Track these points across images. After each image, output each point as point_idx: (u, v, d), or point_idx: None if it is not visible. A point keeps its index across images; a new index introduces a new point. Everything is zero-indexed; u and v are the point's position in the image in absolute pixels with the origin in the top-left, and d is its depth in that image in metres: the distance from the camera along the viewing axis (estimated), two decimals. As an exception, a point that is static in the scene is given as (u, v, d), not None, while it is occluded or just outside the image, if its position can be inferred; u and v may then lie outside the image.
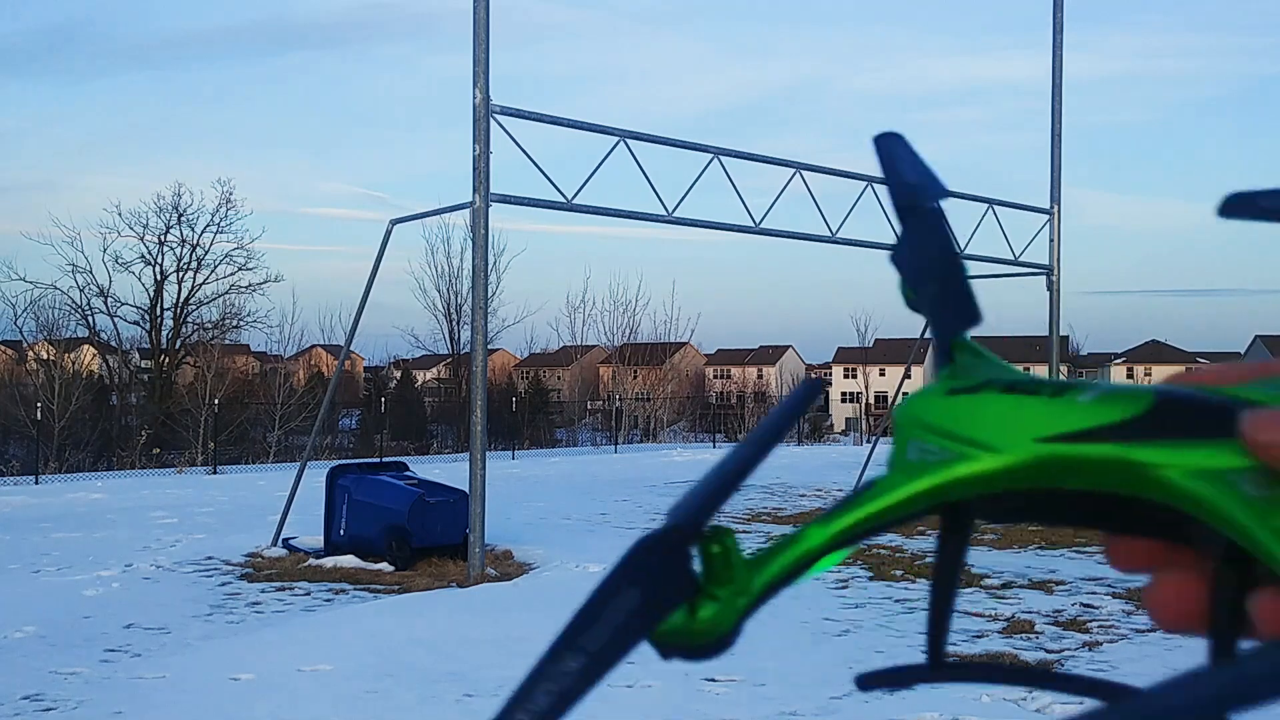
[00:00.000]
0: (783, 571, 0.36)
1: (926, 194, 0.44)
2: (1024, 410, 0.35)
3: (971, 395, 0.36)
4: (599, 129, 11.56)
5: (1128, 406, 0.33)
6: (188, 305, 38.59)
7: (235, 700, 6.02)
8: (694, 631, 0.35)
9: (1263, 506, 0.31)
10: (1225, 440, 0.32)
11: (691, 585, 0.34)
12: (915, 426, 0.37)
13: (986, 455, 0.34)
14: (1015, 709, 5.88)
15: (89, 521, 14.76)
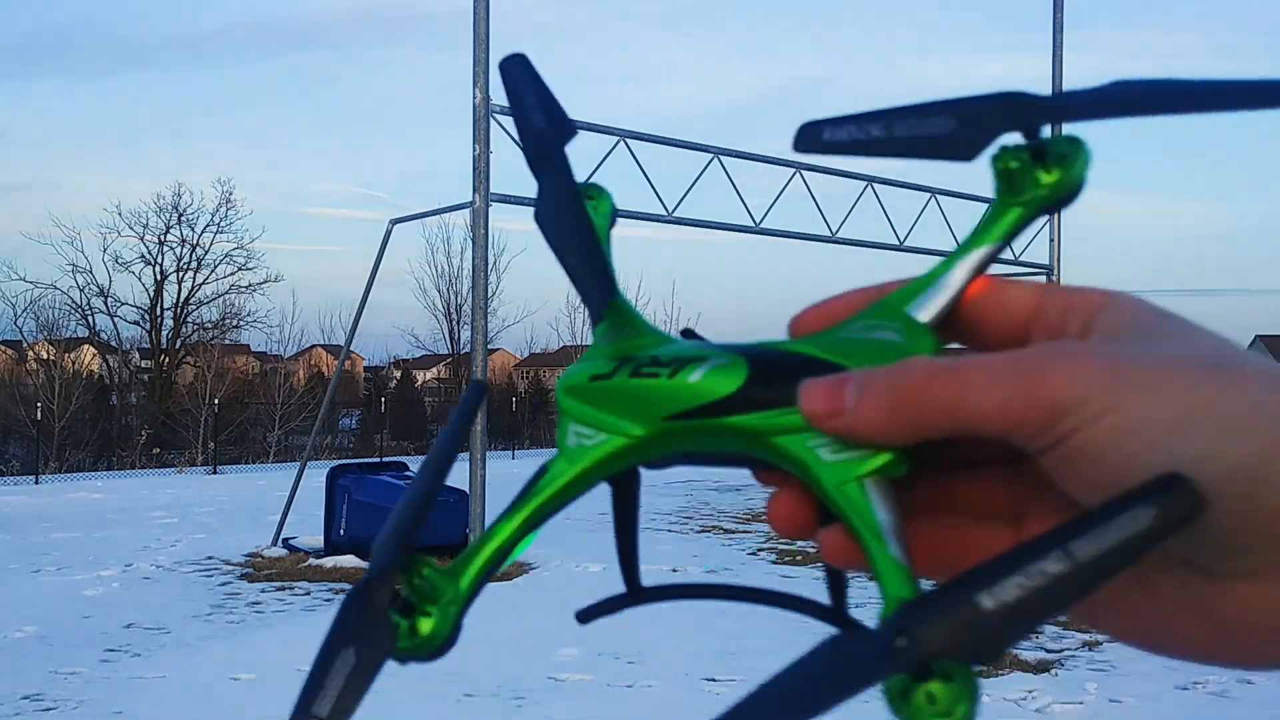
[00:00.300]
0: (482, 569, 0.39)
1: (556, 140, 0.48)
2: (649, 394, 0.40)
3: (608, 382, 0.41)
4: (599, 129, 11.56)
5: (726, 382, 0.38)
6: (188, 305, 38.60)
7: (235, 700, 6.02)
8: (420, 645, 0.38)
9: (836, 469, 0.37)
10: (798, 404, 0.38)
11: (390, 633, 0.37)
12: (569, 415, 0.41)
13: (626, 436, 0.40)
14: (1015, 709, 5.87)
15: (89, 521, 14.76)
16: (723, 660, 6.82)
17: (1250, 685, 6.32)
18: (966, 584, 0.31)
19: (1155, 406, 0.32)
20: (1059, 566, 0.30)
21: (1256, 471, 0.31)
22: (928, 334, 0.39)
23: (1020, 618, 0.31)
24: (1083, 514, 0.31)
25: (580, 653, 6.90)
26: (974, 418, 0.34)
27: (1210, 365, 0.33)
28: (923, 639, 0.31)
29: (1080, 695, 6.09)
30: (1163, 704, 5.96)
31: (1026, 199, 0.40)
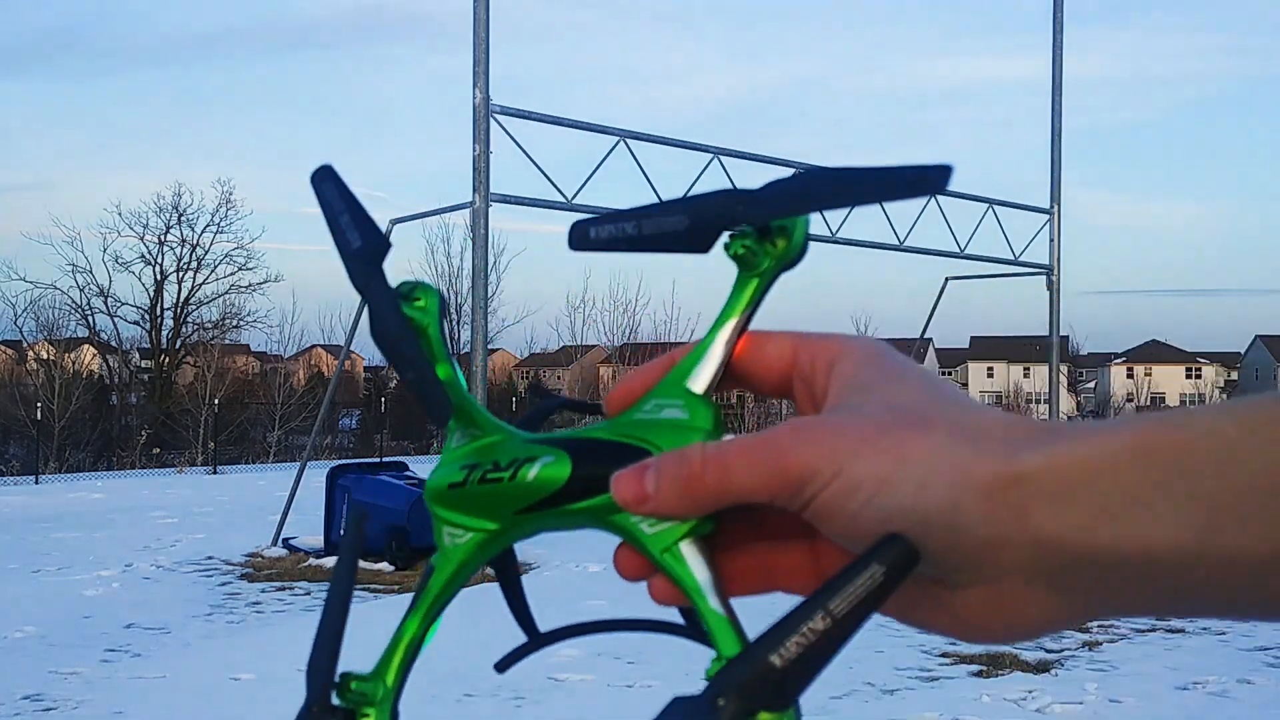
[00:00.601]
0: (402, 664, 0.47)
1: (374, 259, 0.52)
2: (497, 496, 0.47)
3: (463, 490, 0.47)
4: (599, 129, 11.56)
5: (556, 477, 0.46)
6: (188, 305, 38.60)
7: (235, 700, 6.02)
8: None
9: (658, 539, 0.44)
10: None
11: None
12: (440, 519, 0.48)
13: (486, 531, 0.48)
14: (1015, 709, 5.88)
15: (89, 521, 14.77)
16: (723, 660, 6.82)
17: (1250, 685, 6.33)
18: (760, 648, 0.40)
19: (867, 468, 0.40)
20: (823, 624, 0.39)
21: (947, 516, 0.38)
22: (704, 404, 0.46)
23: (804, 667, 0.39)
24: (833, 577, 0.39)
25: (580, 653, 6.91)
26: (743, 494, 0.42)
27: (909, 423, 0.40)
28: (735, 699, 0.40)
29: (1080, 695, 6.09)
30: (1162, 704, 5.96)
31: (760, 271, 0.47)
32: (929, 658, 6.95)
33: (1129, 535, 0.37)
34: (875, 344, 0.46)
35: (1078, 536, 0.37)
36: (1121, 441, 0.37)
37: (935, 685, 6.33)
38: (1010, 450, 0.39)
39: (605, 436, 0.47)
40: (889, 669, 6.64)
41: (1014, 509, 0.38)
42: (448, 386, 0.49)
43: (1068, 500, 0.37)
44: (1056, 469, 0.38)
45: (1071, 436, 0.38)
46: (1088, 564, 0.38)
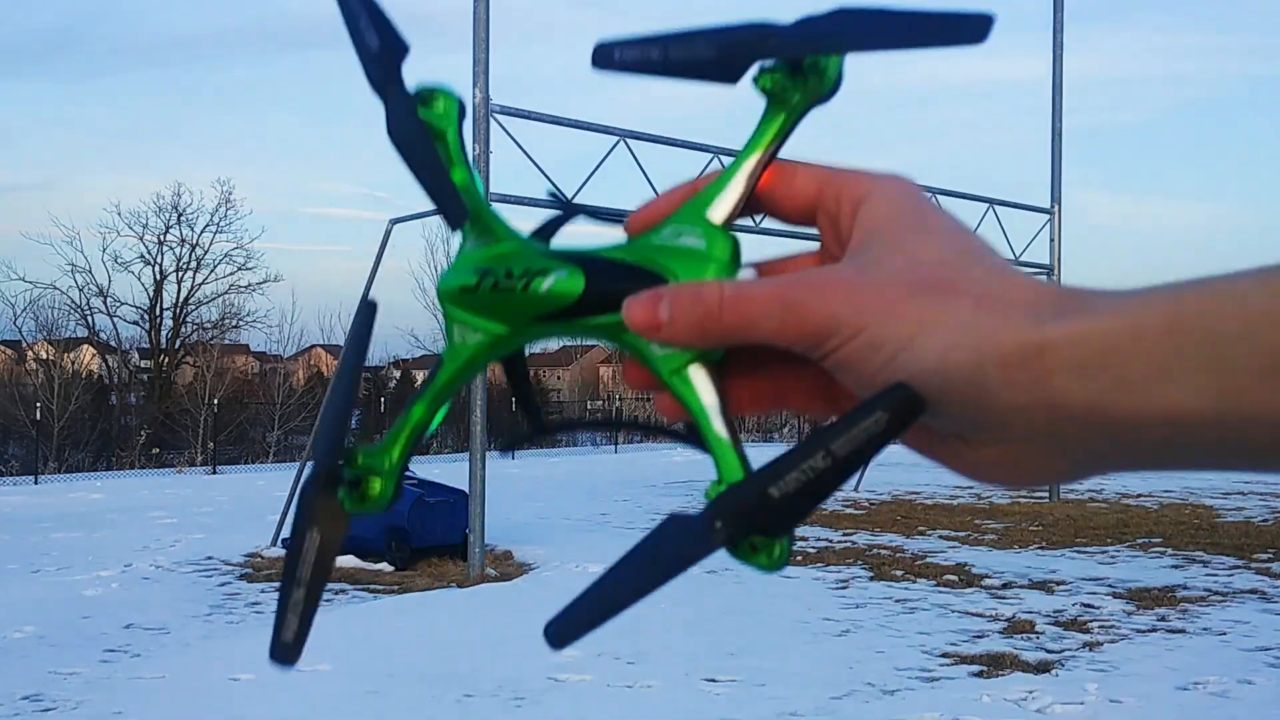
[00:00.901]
0: (408, 442, 0.49)
1: (393, 61, 0.51)
2: (509, 303, 0.48)
3: (475, 295, 0.48)
4: (599, 129, 11.56)
5: (570, 291, 0.47)
6: (187, 305, 38.57)
7: (235, 700, 6.01)
8: (372, 503, 0.49)
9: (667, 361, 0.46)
10: None
11: (342, 511, 0.48)
12: (452, 318, 0.49)
13: (496, 335, 0.49)
14: (1015, 709, 5.87)
15: (88, 521, 14.76)
16: (722, 660, 6.81)
17: (1250, 686, 6.32)
18: (760, 479, 0.42)
19: (891, 330, 0.41)
20: (824, 463, 0.40)
21: (968, 377, 0.39)
22: (723, 235, 0.47)
23: (801, 501, 0.41)
24: (837, 419, 0.41)
25: (580, 653, 6.90)
26: (758, 337, 0.43)
27: (936, 286, 0.41)
28: (731, 523, 0.42)
29: (1080, 696, 6.08)
30: (1163, 705, 5.96)
31: (790, 105, 0.47)
32: (929, 658, 6.94)
33: (1150, 405, 0.37)
34: (904, 185, 0.46)
35: (1098, 407, 0.38)
36: (1149, 313, 0.38)
37: (935, 685, 6.33)
38: (1036, 320, 0.39)
39: (621, 257, 0.47)
40: (889, 669, 6.63)
41: (1036, 379, 0.39)
42: (463, 191, 0.50)
43: (1090, 372, 0.38)
44: (1080, 340, 0.38)
45: (1098, 307, 0.39)
46: (1105, 430, 0.39)
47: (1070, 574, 10.08)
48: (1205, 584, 9.61)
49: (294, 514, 0.49)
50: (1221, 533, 13.21)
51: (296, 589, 0.49)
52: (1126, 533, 13.23)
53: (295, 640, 0.49)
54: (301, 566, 0.49)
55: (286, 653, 0.49)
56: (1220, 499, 17.76)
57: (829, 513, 15.46)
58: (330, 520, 0.49)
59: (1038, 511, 15.54)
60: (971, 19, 0.42)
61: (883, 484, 20.02)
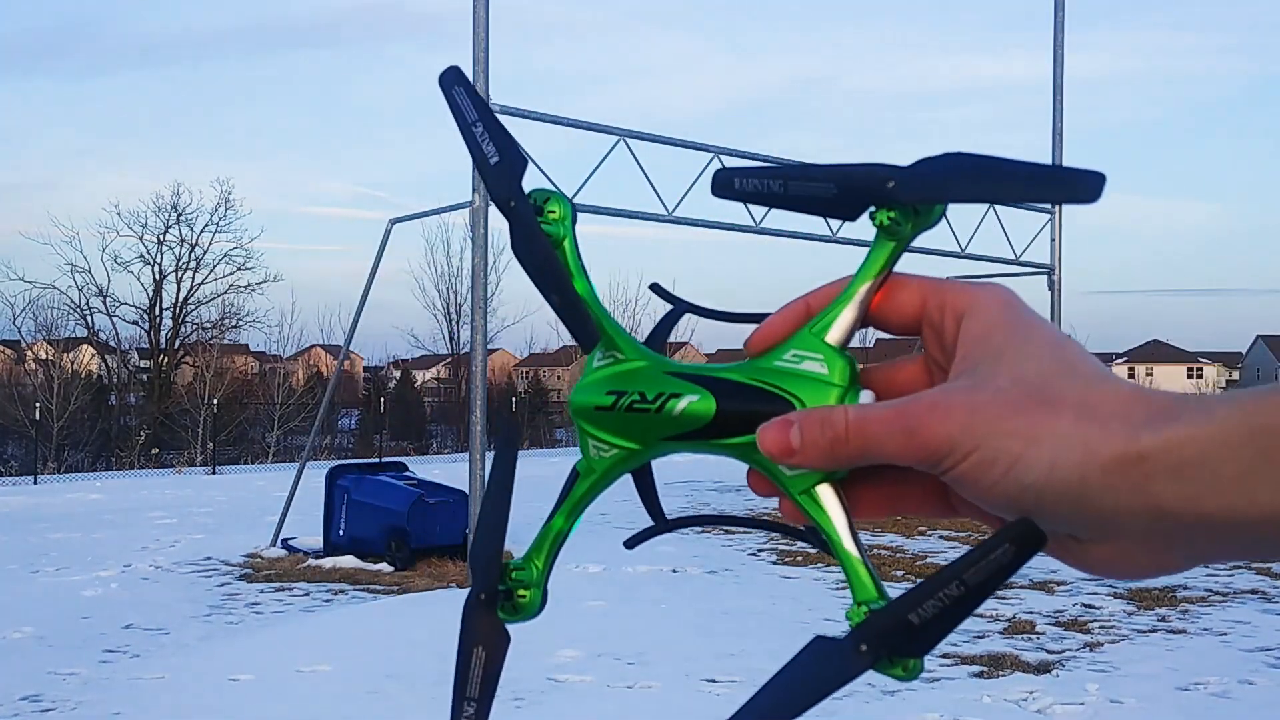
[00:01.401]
0: (550, 552, 0.55)
1: (514, 176, 0.54)
2: (644, 423, 0.52)
3: (611, 414, 0.53)
4: (599, 129, 11.55)
5: (703, 414, 0.50)
6: (186, 305, 38.57)
7: (234, 701, 6.00)
8: (527, 611, 0.55)
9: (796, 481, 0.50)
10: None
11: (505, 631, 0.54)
12: (588, 434, 0.54)
13: (629, 451, 0.53)
14: (1016, 709, 5.87)
15: (87, 522, 14.75)
16: (722, 661, 6.81)
17: (1251, 686, 6.32)
18: (901, 606, 0.45)
19: (1002, 447, 0.44)
20: (958, 591, 0.44)
21: (1075, 491, 0.43)
22: (842, 358, 0.50)
23: (937, 626, 0.45)
24: (968, 551, 0.45)
25: (580, 653, 6.89)
26: (882, 458, 0.47)
27: (1039, 402, 0.45)
28: (876, 648, 0.46)
29: (1081, 696, 6.08)
30: (1163, 705, 5.95)
31: (901, 237, 0.50)
32: (929, 658, 6.90)
33: (1240, 503, 0.41)
34: (1003, 297, 0.50)
35: (1194, 507, 0.42)
36: (1234, 420, 0.42)
37: (936, 686, 6.32)
38: (1132, 430, 0.43)
39: (746, 380, 0.51)
40: (889, 670, 6.63)
41: (1134, 484, 0.43)
42: (589, 305, 0.54)
43: (1185, 476, 0.42)
44: (1173, 449, 0.42)
45: (1188, 418, 0.43)
46: (1204, 528, 0.43)
47: (1070, 574, 10.08)
48: (1206, 584, 9.61)
49: (459, 633, 0.54)
50: (1221, 533, 13.21)
51: (468, 705, 0.54)
52: (1126, 533, 13.23)
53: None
54: (471, 683, 0.53)
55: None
56: (1220, 499, 17.77)
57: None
58: (493, 637, 0.54)
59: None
60: (1087, 177, 0.45)
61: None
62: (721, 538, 12.81)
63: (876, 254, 0.51)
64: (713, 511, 0.50)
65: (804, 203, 0.51)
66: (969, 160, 0.47)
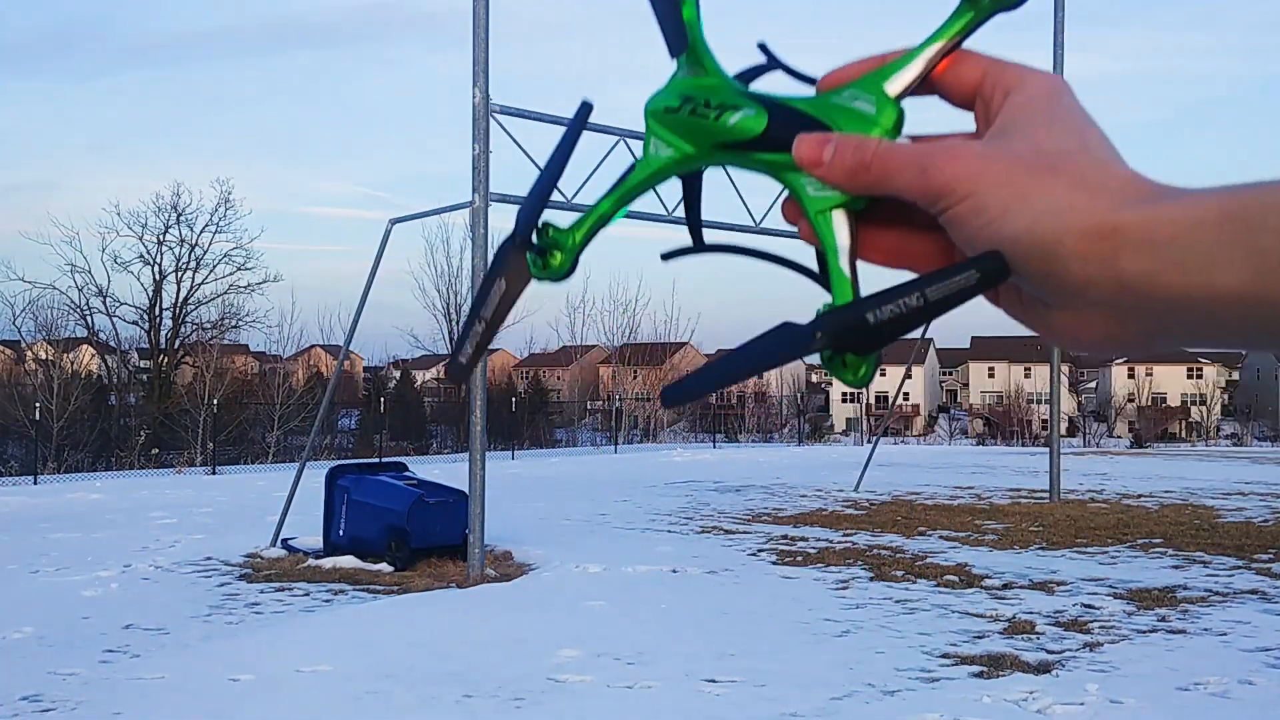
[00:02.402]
0: (590, 229, 0.58)
1: None
2: (702, 128, 0.56)
3: (676, 115, 0.57)
4: (599, 129, 11.54)
5: (751, 129, 0.54)
6: (186, 305, 38.57)
7: (234, 701, 6.00)
8: (552, 273, 0.57)
9: (816, 201, 0.53)
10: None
11: (527, 271, 0.57)
12: (652, 132, 0.58)
13: (684, 152, 0.57)
14: (1016, 709, 5.86)
15: (87, 522, 14.75)
16: (723, 661, 6.80)
17: (1251, 686, 6.32)
18: (861, 305, 0.49)
19: (994, 197, 0.48)
20: (916, 302, 0.48)
21: (1048, 250, 0.46)
22: (892, 106, 0.53)
23: (890, 329, 0.48)
24: (936, 270, 0.48)
25: (580, 653, 6.89)
26: (894, 190, 0.51)
27: (1042, 166, 0.48)
28: (829, 335, 0.49)
29: (1081, 696, 6.08)
30: (1163, 705, 5.95)
31: (980, 6, 0.53)
32: (930, 658, 6.94)
33: (1198, 283, 0.44)
34: (1053, 82, 0.52)
35: (1156, 282, 0.45)
36: (1208, 206, 0.44)
37: (936, 686, 6.32)
38: (1115, 205, 0.46)
39: (801, 108, 0.54)
40: (889, 670, 6.62)
41: (1104, 255, 0.45)
42: (688, 26, 0.57)
43: (1150, 254, 0.45)
44: (1148, 226, 0.45)
45: (1170, 200, 0.45)
46: (1162, 304, 0.45)
47: (1071, 574, 10.07)
48: (1206, 584, 9.61)
49: (488, 267, 0.57)
50: (1222, 533, 13.21)
51: (479, 323, 0.58)
52: (1127, 533, 13.22)
53: (469, 364, 0.58)
54: (486, 306, 0.57)
55: (461, 372, 0.58)
56: (1220, 499, 17.76)
57: (829, 513, 15.46)
58: (516, 276, 0.57)
59: (1038, 512, 15.53)
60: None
61: (883, 484, 20.01)
62: (721, 538, 12.81)
63: (955, 19, 0.53)
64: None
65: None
66: None
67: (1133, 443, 52.25)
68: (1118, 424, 67.01)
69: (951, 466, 26.73)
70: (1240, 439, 59.82)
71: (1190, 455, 34.95)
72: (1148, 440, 55.16)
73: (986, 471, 24.87)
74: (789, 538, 12.75)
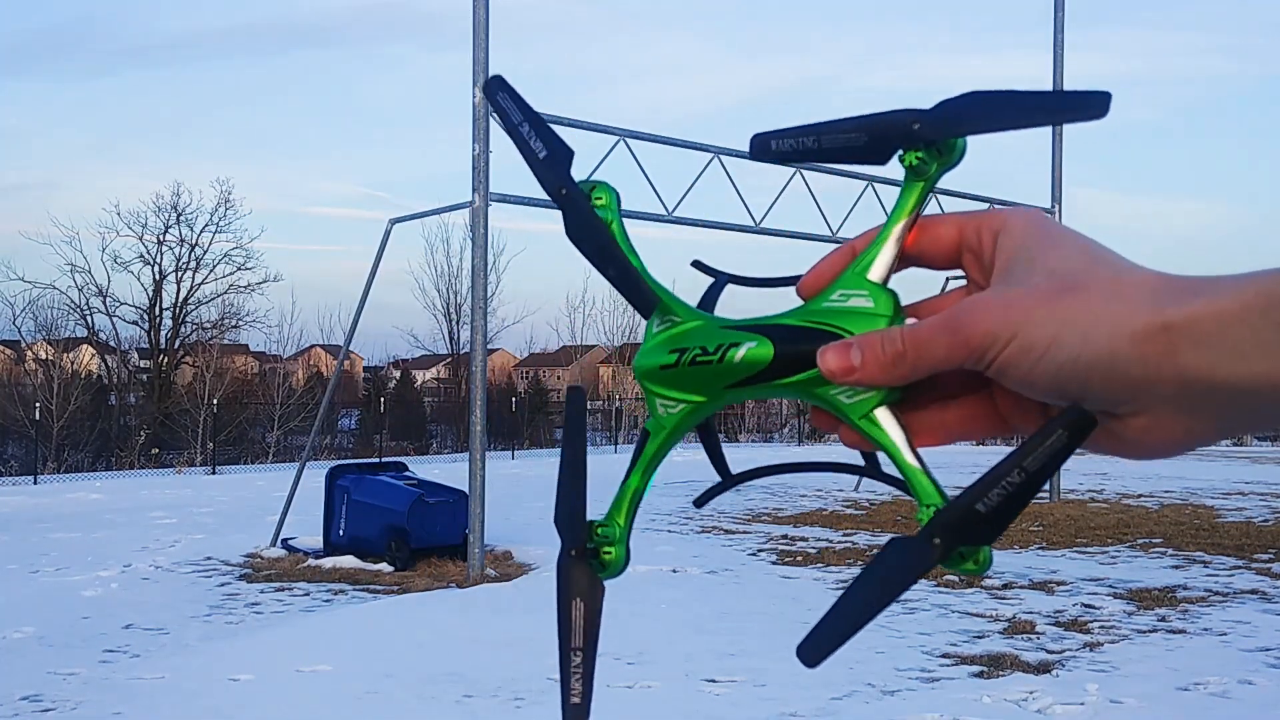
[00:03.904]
0: (630, 510, 0.58)
1: (563, 166, 0.59)
2: (707, 374, 0.55)
3: (675, 370, 0.56)
4: (599, 129, 11.55)
5: (760, 359, 0.54)
6: (186, 305, 38.53)
7: (234, 701, 6.00)
8: (613, 567, 0.57)
9: (857, 407, 0.53)
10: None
11: (598, 581, 0.57)
12: (654, 395, 0.57)
13: (695, 403, 0.56)
14: (1016, 709, 5.86)
15: (88, 522, 14.75)
16: (722, 661, 6.80)
17: (1251, 686, 6.32)
18: (968, 496, 0.48)
19: (1038, 332, 0.48)
20: (1019, 478, 0.47)
21: (1106, 362, 0.47)
22: (885, 293, 0.54)
23: (1002, 513, 0.48)
24: (1024, 442, 0.48)
25: (580, 653, 6.88)
26: (936, 364, 0.51)
27: (1069, 287, 0.48)
28: (947, 539, 0.49)
29: (1081, 696, 6.08)
30: (1163, 705, 5.95)
31: (928, 176, 0.53)
32: (929, 658, 6.94)
33: (1254, 371, 0.45)
34: (1033, 213, 0.53)
35: (1217, 374, 0.45)
36: (1248, 295, 0.45)
37: (936, 686, 6.32)
38: (1157, 304, 0.46)
39: (799, 323, 0.55)
40: (889, 670, 6.62)
41: (1161, 352, 0.46)
42: (643, 277, 0.57)
43: (1208, 344, 0.45)
44: (1195, 320, 0.45)
45: (1208, 293, 0.46)
46: (1226, 394, 0.46)
47: (1071, 574, 10.07)
48: (1205, 584, 9.61)
49: (556, 590, 0.57)
50: (1222, 533, 13.21)
51: (575, 655, 0.56)
52: (1127, 533, 13.22)
53: (583, 701, 0.56)
54: (575, 634, 0.56)
55: (579, 715, 0.56)
56: (1220, 499, 17.76)
57: (829, 513, 15.46)
58: (589, 588, 0.56)
59: (1038, 512, 15.53)
60: (1093, 97, 0.50)
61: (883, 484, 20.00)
62: (721, 538, 12.81)
63: (907, 194, 0.54)
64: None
65: (838, 154, 0.54)
66: (984, 96, 0.51)
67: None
68: (1118, 424, 66.95)
69: (951, 466, 26.71)
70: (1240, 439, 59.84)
71: (1190, 455, 34.88)
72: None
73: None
74: (789, 538, 12.75)
